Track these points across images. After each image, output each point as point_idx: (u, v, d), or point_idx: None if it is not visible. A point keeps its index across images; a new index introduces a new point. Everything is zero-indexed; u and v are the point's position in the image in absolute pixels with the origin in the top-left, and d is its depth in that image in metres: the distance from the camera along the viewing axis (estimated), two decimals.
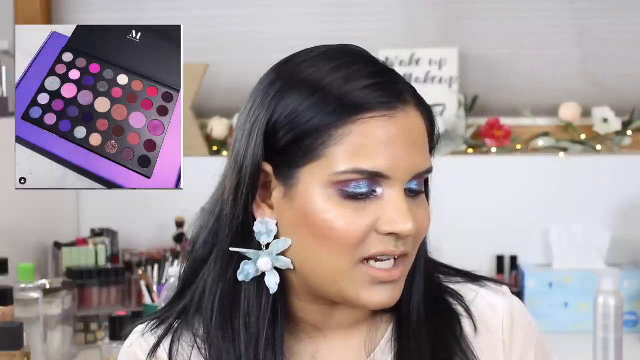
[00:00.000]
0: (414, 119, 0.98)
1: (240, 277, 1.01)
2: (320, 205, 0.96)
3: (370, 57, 1.01)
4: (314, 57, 1.00)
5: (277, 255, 1.00)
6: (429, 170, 1.00)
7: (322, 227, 0.96)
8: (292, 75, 0.99)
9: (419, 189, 0.99)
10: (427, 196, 1.03)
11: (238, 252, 1.01)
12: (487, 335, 1.07)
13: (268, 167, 0.99)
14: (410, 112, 0.98)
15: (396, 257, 0.98)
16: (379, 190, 0.96)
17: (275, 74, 1.01)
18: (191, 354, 1.04)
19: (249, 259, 1.01)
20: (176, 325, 1.05)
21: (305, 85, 0.97)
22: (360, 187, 0.96)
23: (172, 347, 1.04)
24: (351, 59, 0.99)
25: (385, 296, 0.98)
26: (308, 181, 0.97)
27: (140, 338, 1.06)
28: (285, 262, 1.00)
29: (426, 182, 1.03)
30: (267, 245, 1.00)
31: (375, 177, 0.95)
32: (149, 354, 1.04)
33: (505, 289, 1.10)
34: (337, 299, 1.00)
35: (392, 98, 0.97)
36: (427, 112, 1.01)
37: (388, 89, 0.97)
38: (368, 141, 0.95)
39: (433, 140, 1.02)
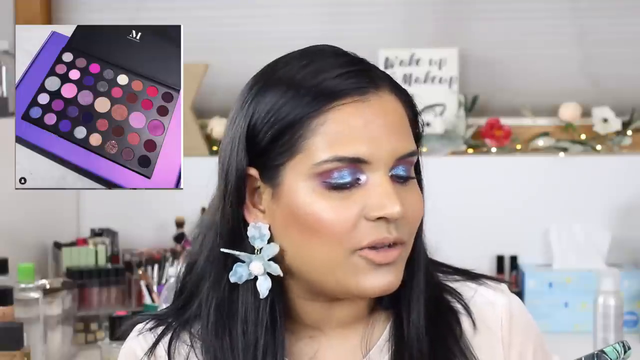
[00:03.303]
0: (389, 102, 0.99)
1: (232, 279, 1.01)
2: (305, 198, 0.96)
3: (342, 51, 1.02)
4: (287, 60, 1.01)
5: (268, 260, 1.00)
6: (413, 154, 0.99)
7: (310, 220, 0.96)
8: (267, 78, 1.01)
9: (407, 174, 0.99)
10: (421, 183, 1.03)
11: (232, 259, 1.01)
12: (486, 333, 1.07)
13: (253, 172, 1.00)
14: (384, 96, 0.98)
15: (390, 245, 0.97)
16: (362, 177, 0.96)
17: (253, 81, 1.03)
18: (189, 354, 1.04)
19: (243, 262, 1.01)
20: (175, 325, 1.06)
21: (279, 85, 0.98)
22: (344, 177, 0.96)
23: (171, 346, 1.05)
24: (322, 55, 1.00)
25: (385, 281, 0.98)
26: (292, 177, 0.97)
27: (140, 336, 1.07)
28: (274, 269, 1.00)
29: (417, 169, 1.03)
30: (261, 250, 1.00)
31: (356, 164, 0.96)
32: (147, 352, 1.05)
33: (504, 286, 1.10)
34: (337, 290, 1.00)
35: (363, 83, 0.97)
36: (404, 96, 1.01)
37: (359, 75, 0.98)
38: (344, 128, 0.96)
39: (417, 126, 1.03)
